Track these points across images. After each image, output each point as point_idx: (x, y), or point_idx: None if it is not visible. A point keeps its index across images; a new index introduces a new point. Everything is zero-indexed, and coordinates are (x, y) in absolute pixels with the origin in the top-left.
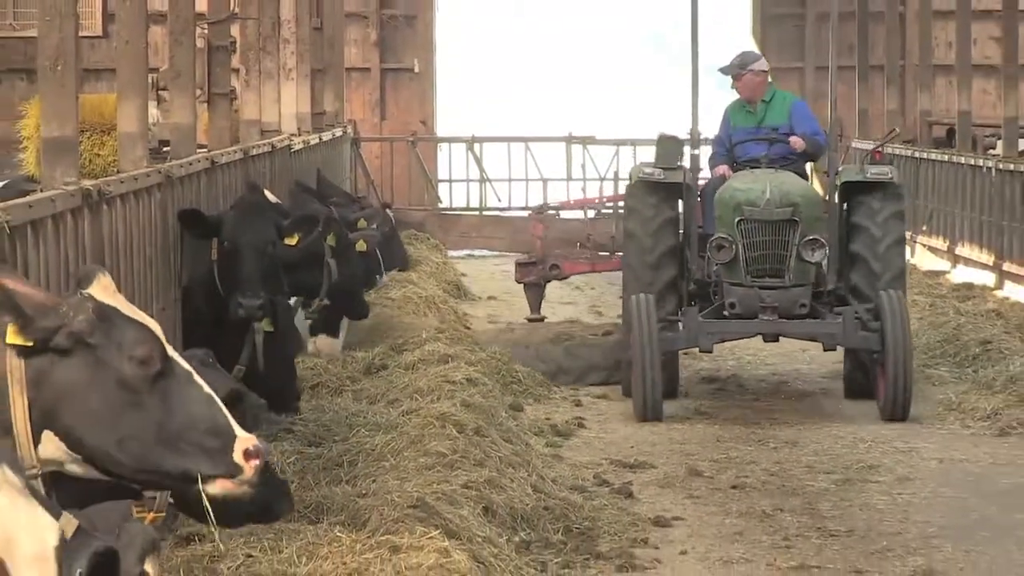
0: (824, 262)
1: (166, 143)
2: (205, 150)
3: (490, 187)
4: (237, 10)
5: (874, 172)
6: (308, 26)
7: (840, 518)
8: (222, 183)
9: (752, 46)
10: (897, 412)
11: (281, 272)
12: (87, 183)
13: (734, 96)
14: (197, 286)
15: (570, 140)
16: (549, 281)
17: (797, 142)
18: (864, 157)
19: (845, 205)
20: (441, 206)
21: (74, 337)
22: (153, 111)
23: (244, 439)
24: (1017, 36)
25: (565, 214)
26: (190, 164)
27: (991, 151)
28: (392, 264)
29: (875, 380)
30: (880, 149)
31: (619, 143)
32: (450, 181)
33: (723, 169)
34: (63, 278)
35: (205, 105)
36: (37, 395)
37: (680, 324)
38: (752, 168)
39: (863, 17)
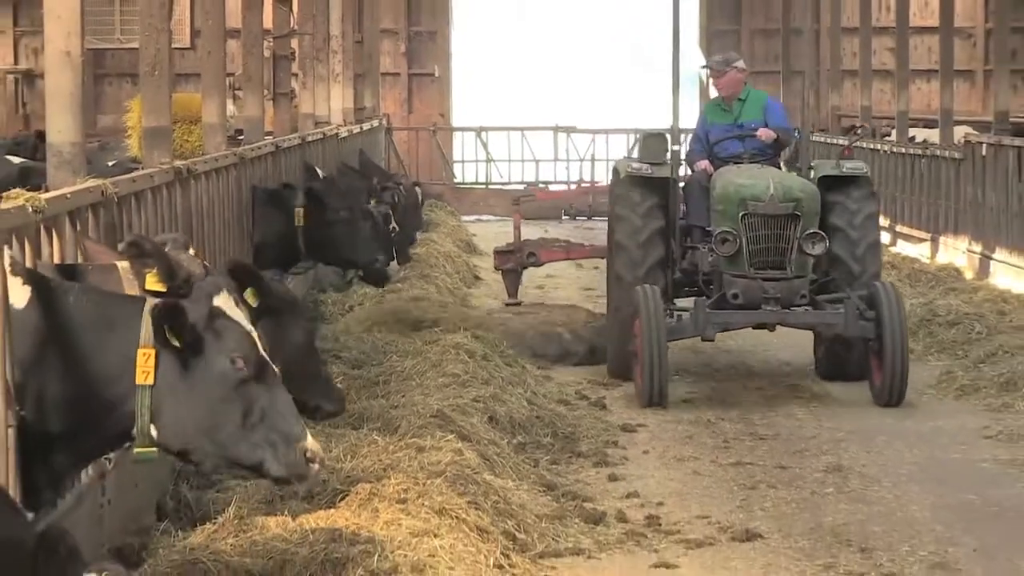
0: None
1: (240, 132)
2: (271, 137)
3: (494, 166)
4: (296, 27)
5: (849, 167)
6: (351, 40)
7: (768, 425)
8: (284, 163)
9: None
10: (893, 398)
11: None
12: (178, 163)
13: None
14: (268, 246)
15: (556, 129)
16: (526, 268)
17: (766, 133)
18: (838, 154)
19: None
20: (456, 181)
21: (191, 285)
22: (230, 107)
23: (311, 443)
24: (908, 47)
25: (554, 188)
26: (259, 148)
27: (886, 138)
28: (415, 228)
29: (869, 366)
30: (850, 146)
31: (595, 132)
32: (463, 161)
33: (704, 164)
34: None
35: (271, 102)
36: None
37: (686, 314)
38: (735, 163)
39: (786, 32)
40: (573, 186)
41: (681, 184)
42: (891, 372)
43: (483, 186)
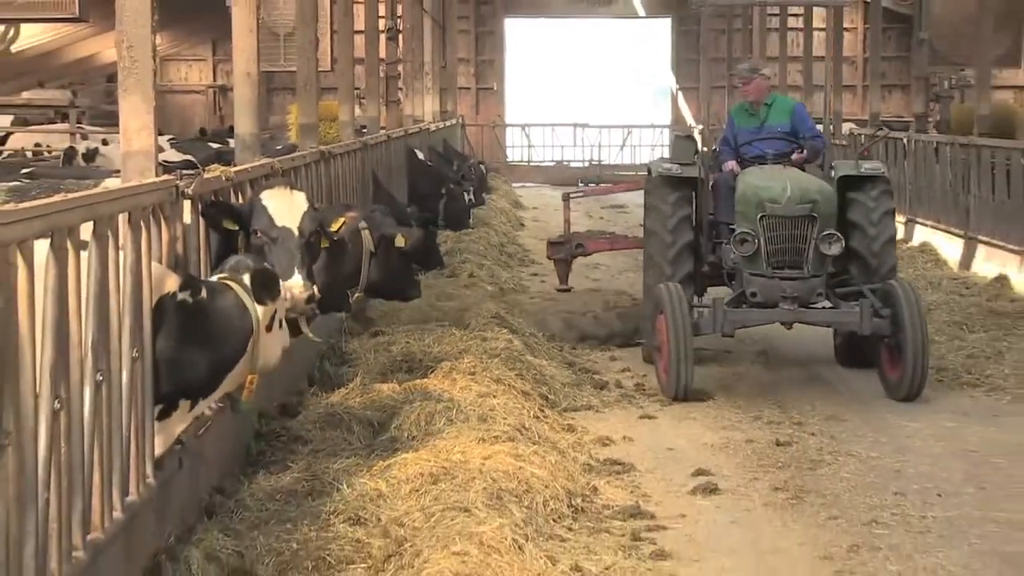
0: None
1: (364, 127)
2: (384, 130)
3: (533, 150)
4: (401, 57)
5: (868, 167)
6: (438, 65)
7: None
8: (393, 148)
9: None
10: (912, 394)
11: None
12: (323, 148)
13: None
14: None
15: (575, 125)
16: (575, 257)
17: (799, 159)
18: (856, 155)
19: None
20: (507, 160)
21: None
22: (357, 110)
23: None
24: (811, 69)
25: (572, 167)
26: (376, 138)
27: None
28: (480, 193)
29: (881, 362)
30: (868, 148)
31: (601, 127)
32: (512, 147)
33: (731, 164)
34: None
35: (385, 107)
36: None
37: (706, 311)
38: (760, 164)
39: (730, 59)
40: (586, 163)
41: (711, 183)
42: (911, 368)
43: (526, 164)
